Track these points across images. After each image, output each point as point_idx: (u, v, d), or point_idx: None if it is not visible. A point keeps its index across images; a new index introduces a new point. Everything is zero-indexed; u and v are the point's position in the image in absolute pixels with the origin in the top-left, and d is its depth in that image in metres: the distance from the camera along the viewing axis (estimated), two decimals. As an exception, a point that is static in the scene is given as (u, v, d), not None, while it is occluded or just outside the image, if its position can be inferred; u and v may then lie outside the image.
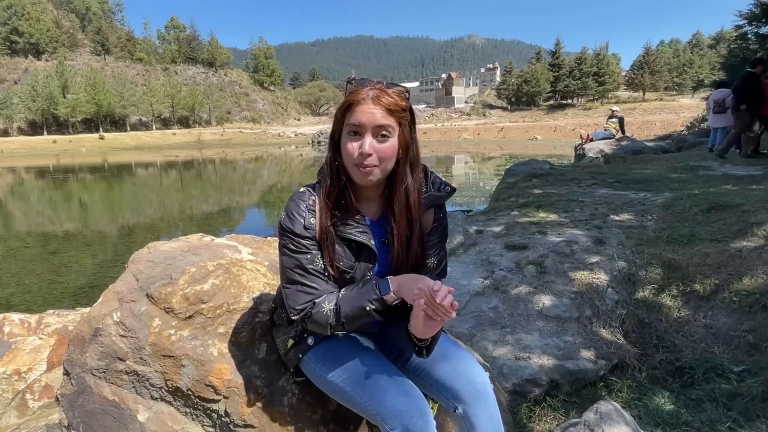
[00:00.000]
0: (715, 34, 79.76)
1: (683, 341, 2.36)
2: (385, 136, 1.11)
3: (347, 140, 1.13)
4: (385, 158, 1.13)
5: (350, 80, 1.17)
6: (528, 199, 5.14)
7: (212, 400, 1.36)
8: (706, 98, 16.24)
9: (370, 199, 1.24)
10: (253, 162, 30.07)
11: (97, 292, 2.63)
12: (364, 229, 1.20)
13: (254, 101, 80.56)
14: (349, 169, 1.15)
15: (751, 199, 3.93)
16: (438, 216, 1.28)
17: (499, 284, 2.86)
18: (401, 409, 1.08)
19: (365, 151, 1.09)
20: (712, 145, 8.81)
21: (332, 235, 1.18)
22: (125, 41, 77.89)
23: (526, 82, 70.17)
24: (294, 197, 1.21)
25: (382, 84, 1.13)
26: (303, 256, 1.17)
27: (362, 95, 1.10)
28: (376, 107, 1.09)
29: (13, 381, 1.79)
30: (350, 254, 1.20)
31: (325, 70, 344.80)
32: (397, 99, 1.11)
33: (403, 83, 11.86)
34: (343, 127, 1.14)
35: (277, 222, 9.05)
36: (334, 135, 1.18)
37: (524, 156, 21.93)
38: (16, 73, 63.54)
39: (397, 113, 1.12)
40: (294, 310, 1.17)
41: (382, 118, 1.10)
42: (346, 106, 1.13)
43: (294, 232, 1.17)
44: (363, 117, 1.09)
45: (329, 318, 1.14)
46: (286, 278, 1.20)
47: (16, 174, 25.67)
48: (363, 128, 1.10)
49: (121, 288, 1.55)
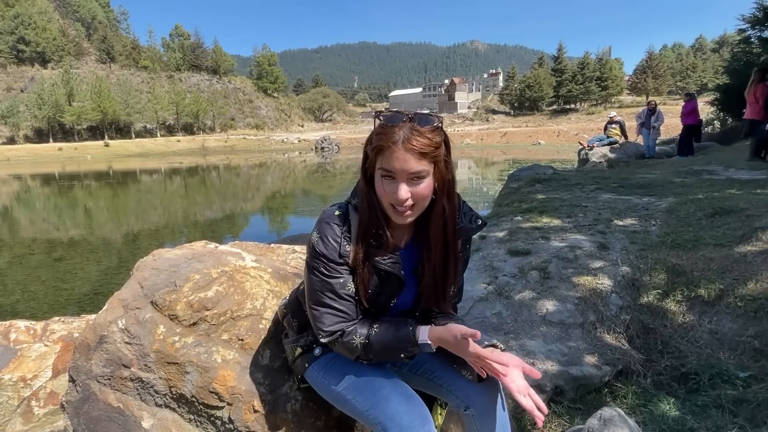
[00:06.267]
0: (718, 38, 79.77)
1: (688, 347, 2.34)
2: (420, 179, 1.07)
3: (381, 182, 1.09)
4: (420, 199, 1.09)
5: (378, 114, 1.10)
6: (531, 205, 5.13)
7: (216, 406, 1.37)
8: (710, 102, 16.23)
9: (401, 228, 1.21)
10: (257, 168, 30.16)
11: (102, 298, 2.64)
12: (396, 260, 1.19)
13: (258, 108, 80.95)
14: (385, 208, 1.12)
15: (756, 203, 3.91)
16: (465, 247, 1.27)
17: (503, 290, 2.85)
18: (403, 417, 1.08)
19: (401, 197, 1.06)
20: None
21: (369, 266, 1.16)
22: (130, 49, 78.57)
23: (529, 87, 70.27)
24: (328, 219, 1.17)
25: (414, 121, 1.06)
26: (336, 281, 1.15)
27: (393, 139, 1.04)
28: (409, 154, 1.03)
29: (18, 388, 1.80)
30: (377, 282, 1.19)
31: (328, 76, 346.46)
32: (430, 138, 1.05)
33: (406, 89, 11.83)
34: (376, 169, 1.10)
35: (280, 228, 9.03)
36: (367, 171, 1.14)
37: (527, 161, 21.94)
38: (23, 81, 64.15)
39: (430, 155, 1.06)
40: (323, 332, 1.16)
41: (416, 165, 1.04)
42: (377, 149, 1.07)
43: (328, 257, 1.14)
44: (396, 164, 1.04)
45: (358, 351, 1.15)
46: (314, 300, 1.18)
47: (23, 181, 25.87)
48: (396, 174, 1.06)
49: (125, 295, 1.56)
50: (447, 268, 1.22)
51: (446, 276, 1.22)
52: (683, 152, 10.25)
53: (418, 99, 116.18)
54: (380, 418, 1.10)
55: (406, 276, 1.21)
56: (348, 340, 1.15)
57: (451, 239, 1.19)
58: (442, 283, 1.23)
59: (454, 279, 1.26)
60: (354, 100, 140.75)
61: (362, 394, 1.16)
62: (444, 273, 1.22)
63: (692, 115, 10.37)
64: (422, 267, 1.22)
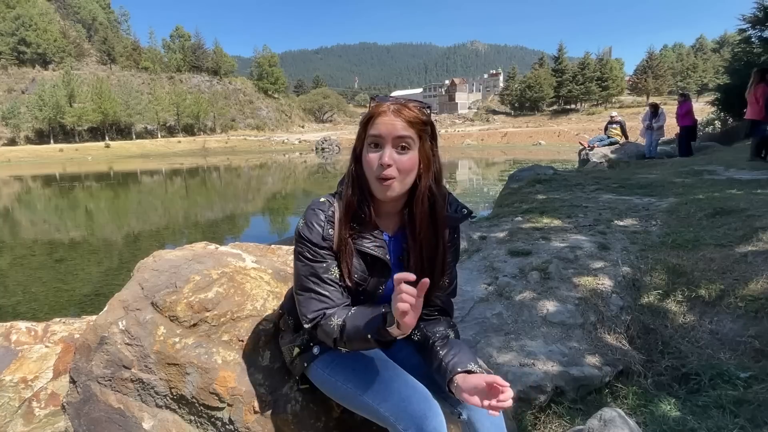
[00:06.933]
0: (718, 38, 79.74)
1: (689, 347, 2.34)
2: (405, 148, 1.12)
3: (368, 152, 1.14)
4: (404, 170, 1.13)
5: (373, 97, 1.19)
6: (532, 205, 5.13)
7: (216, 407, 1.37)
8: (710, 102, 16.20)
9: (389, 215, 1.25)
10: (258, 169, 30.17)
11: (102, 299, 2.64)
12: (380, 244, 1.21)
13: (258, 109, 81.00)
14: (370, 182, 1.16)
15: (756, 203, 3.91)
16: (453, 236, 1.29)
17: (503, 290, 2.85)
18: (415, 409, 1.09)
19: (385, 161, 1.10)
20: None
21: (350, 247, 1.19)
22: (131, 50, 78.75)
23: (529, 87, 70.28)
24: (313, 206, 1.22)
25: (404, 100, 1.15)
26: (319, 265, 1.18)
27: (383, 108, 1.13)
28: (397, 119, 1.11)
29: (19, 389, 1.80)
30: (364, 267, 1.21)
31: (329, 77, 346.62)
32: (417, 113, 1.13)
33: (407, 90, 11.89)
34: (365, 139, 1.16)
35: (281, 229, 9.05)
36: (356, 149, 1.20)
37: (528, 161, 21.92)
38: (24, 82, 64.25)
39: (417, 125, 1.13)
40: (306, 318, 1.18)
41: (402, 130, 1.11)
42: (368, 119, 1.15)
43: (311, 241, 1.17)
44: (383, 128, 1.11)
45: (335, 333, 1.14)
46: (299, 285, 1.20)
47: (23, 182, 25.89)
48: (383, 139, 1.11)
49: (126, 296, 1.57)
50: (435, 255, 1.22)
51: (434, 262, 1.23)
52: (683, 154, 10.29)
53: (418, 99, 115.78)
54: (392, 411, 1.10)
55: (393, 263, 1.23)
56: (326, 322, 1.15)
57: (441, 225, 1.21)
58: (430, 270, 1.22)
59: (443, 267, 1.25)
60: (354, 100, 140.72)
61: (372, 389, 1.16)
62: (433, 258, 1.22)
63: (688, 117, 10.38)
64: (408, 252, 1.23)
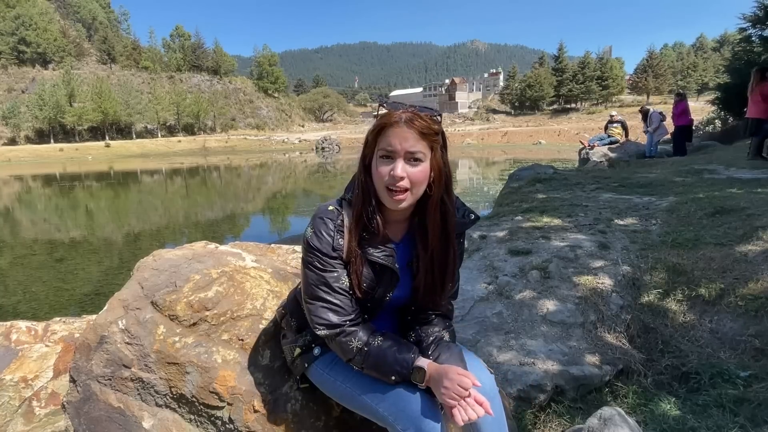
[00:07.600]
0: (719, 37, 79.60)
1: (689, 346, 2.34)
2: (417, 161, 1.10)
3: (379, 164, 1.12)
4: (416, 183, 1.12)
5: (383, 102, 1.16)
6: (532, 204, 5.13)
7: (216, 406, 1.37)
8: (711, 101, 16.19)
9: (398, 222, 1.24)
10: (258, 168, 30.18)
11: (102, 299, 2.65)
12: (389, 253, 1.20)
13: (258, 108, 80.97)
14: (380, 193, 1.15)
15: (757, 202, 3.90)
16: (458, 241, 1.28)
17: (503, 289, 2.85)
18: (414, 409, 1.09)
19: (397, 174, 1.09)
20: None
21: (361, 258, 1.18)
22: (131, 50, 78.75)
23: (529, 86, 70.22)
24: (321, 214, 1.20)
25: (415, 108, 1.12)
26: (329, 275, 1.17)
27: (395, 118, 1.09)
28: (409, 130, 1.08)
29: (20, 388, 1.80)
30: (373, 276, 1.20)
31: (329, 76, 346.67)
32: (429, 123, 1.11)
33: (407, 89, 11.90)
34: (375, 151, 1.13)
35: (281, 228, 9.05)
36: (365, 158, 1.18)
37: (528, 160, 21.94)
38: (24, 82, 64.25)
39: (429, 136, 1.11)
40: (318, 326, 1.18)
41: (415, 142, 1.09)
42: (379, 129, 1.12)
43: (321, 251, 1.16)
44: (395, 140, 1.09)
45: (352, 354, 1.15)
46: (309, 294, 1.19)
47: (24, 182, 25.90)
48: (395, 152, 1.09)
49: (126, 296, 1.57)
50: (446, 262, 1.23)
51: (445, 270, 1.23)
52: (677, 153, 10.26)
53: (418, 99, 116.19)
54: (391, 410, 1.11)
55: (401, 270, 1.22)
56: (346, 340, 1.15)
57: (452, 234, 1.21)
58: (441, 277, 1.23)
59: (453, 275, 1.26)
60: (354, 100, 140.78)
61: (371, 389, 1.16)
62: (443, 267, 1.23)
63: (684, 116, 10.36)
64: (417, 261, 1.23)
